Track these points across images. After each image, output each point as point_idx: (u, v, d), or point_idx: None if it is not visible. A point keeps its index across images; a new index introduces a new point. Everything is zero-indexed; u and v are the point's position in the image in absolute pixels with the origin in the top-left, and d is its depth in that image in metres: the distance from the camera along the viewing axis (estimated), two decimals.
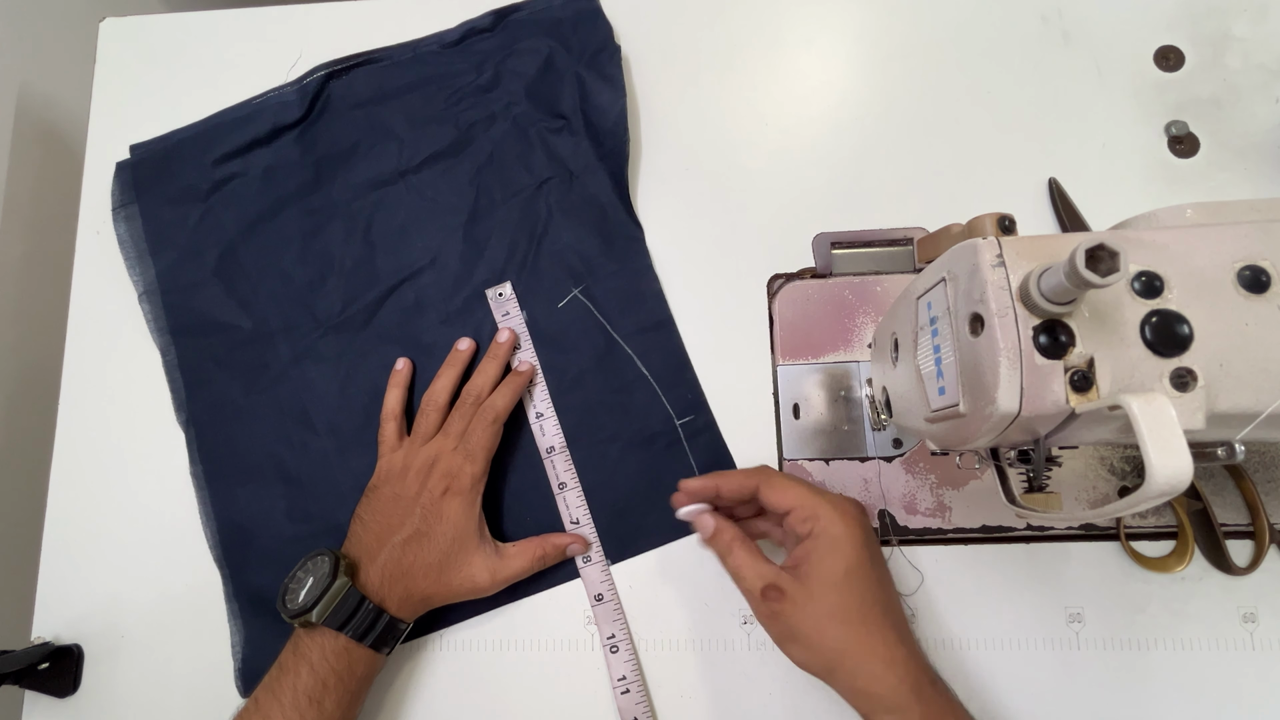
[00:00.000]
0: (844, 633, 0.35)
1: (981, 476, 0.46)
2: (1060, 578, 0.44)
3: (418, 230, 0.53)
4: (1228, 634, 0.42)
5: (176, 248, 0.54)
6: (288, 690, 0.39)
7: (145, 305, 0.53)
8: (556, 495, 0.48)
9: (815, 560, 0.36)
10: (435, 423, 0.47)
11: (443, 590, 0.43)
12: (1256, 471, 0.44)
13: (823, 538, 0.36)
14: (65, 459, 0.51)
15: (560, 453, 0.48)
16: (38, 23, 0.66)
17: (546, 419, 0.49)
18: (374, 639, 0.41)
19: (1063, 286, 0.26)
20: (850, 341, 0.48)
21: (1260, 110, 0.50)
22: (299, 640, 0.41)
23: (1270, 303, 0.29)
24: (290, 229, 0.54)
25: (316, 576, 0.41)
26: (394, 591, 0.42)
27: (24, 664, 0.45)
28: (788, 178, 0.52)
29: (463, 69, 0.55)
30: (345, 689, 0.40)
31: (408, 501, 0.44)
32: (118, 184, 0.55)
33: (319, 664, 0.40)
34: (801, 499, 0.38)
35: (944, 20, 0.54)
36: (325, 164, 0.54)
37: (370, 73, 0.56)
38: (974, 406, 0.30)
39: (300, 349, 0.52)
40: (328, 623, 0.40)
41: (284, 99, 0.55)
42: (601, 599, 0.46)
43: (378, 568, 0.42)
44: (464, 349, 0.50)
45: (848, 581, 0.35)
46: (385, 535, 0.43)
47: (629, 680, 0.44)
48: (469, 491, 0.44)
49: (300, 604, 0.40)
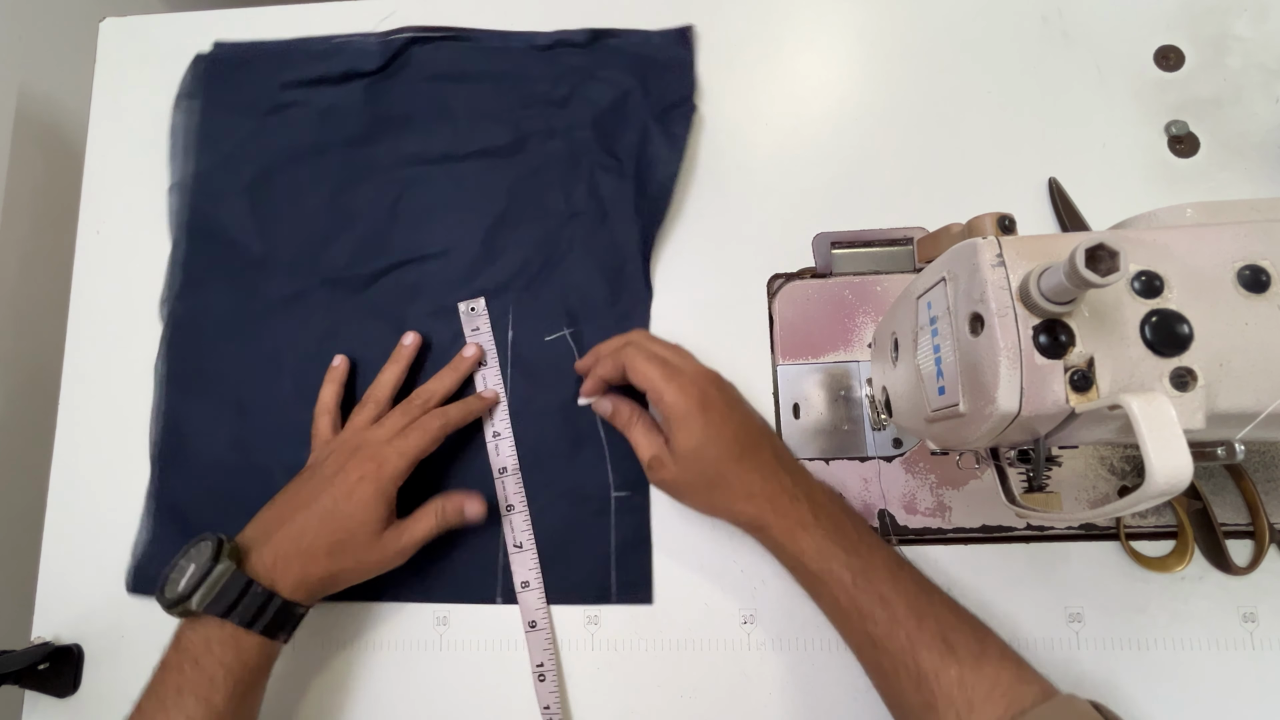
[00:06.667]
0: (708, 490, 0.42)
1: (981, 476, 0.46)
2: (1060, 578, 0.44)
3: (442, 217, 0.53)
4: (1228, 634, 0.42)
5: (220, 153, 0.55)
6: (171, 691, 0.37)
7: (173, 197, 0.54)
8: (503, 517, 0.47)
9: (672, 436, 0.41)
10: (372, 416, 0.46)
11: (344, 571, 0.41)
12: (1256, 471, 0.44)
13: (672, 419, 0.41)
14: (65, 459, 0.51)
15: (512, 475, 0.48)
16: (38, 23, 0.66)
17: (503, 439, 0.48)
18: (264, 624, 0.38)
19: (1063, 286, 0.27)
20: (850, 341, 0.48)
21: (1260, 110, 0.50)
22: (181, 635, 0.39)
23: (1270, 302, 0.29)
24: (327, 173, 0.54)
25: (198, 562, 0.38)
26: (288, 572, 0.40)
27: (24, 664, 0.45)
28: (788, 178, 0.52)
29: (541, 76, 0.54)
30: (237, 683, 0.38)
31: (322, 480, 0.42)
32: (190, 74, 0.56)
33: (204, 658, 0.37)
34: (650, 381, 0.42)
35: (944, 20, 0.54)
36: (381, 123, 0.55)
37: (455, 49, 0.55)
38: (974, 406, 0.30)
39: (294, 290, 0.52)
40: (209, 610, 0.37)
41: (366, 47, 0.55)
42: (535, 626, 0.45)
43: (271, 548, 0.40)
44: (409, 344, 0.49)
45: (700, 450, 0.41)
46: (289, 512, 0.41)
47: (552, 711, 0.44)
48: (387, 484, 0.42)
49: (179, 592, 0.37)
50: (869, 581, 0.38)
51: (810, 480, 0.43)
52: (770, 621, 0.45)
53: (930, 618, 0.37)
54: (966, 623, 0.38)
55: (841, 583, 0.38)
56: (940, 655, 0.35)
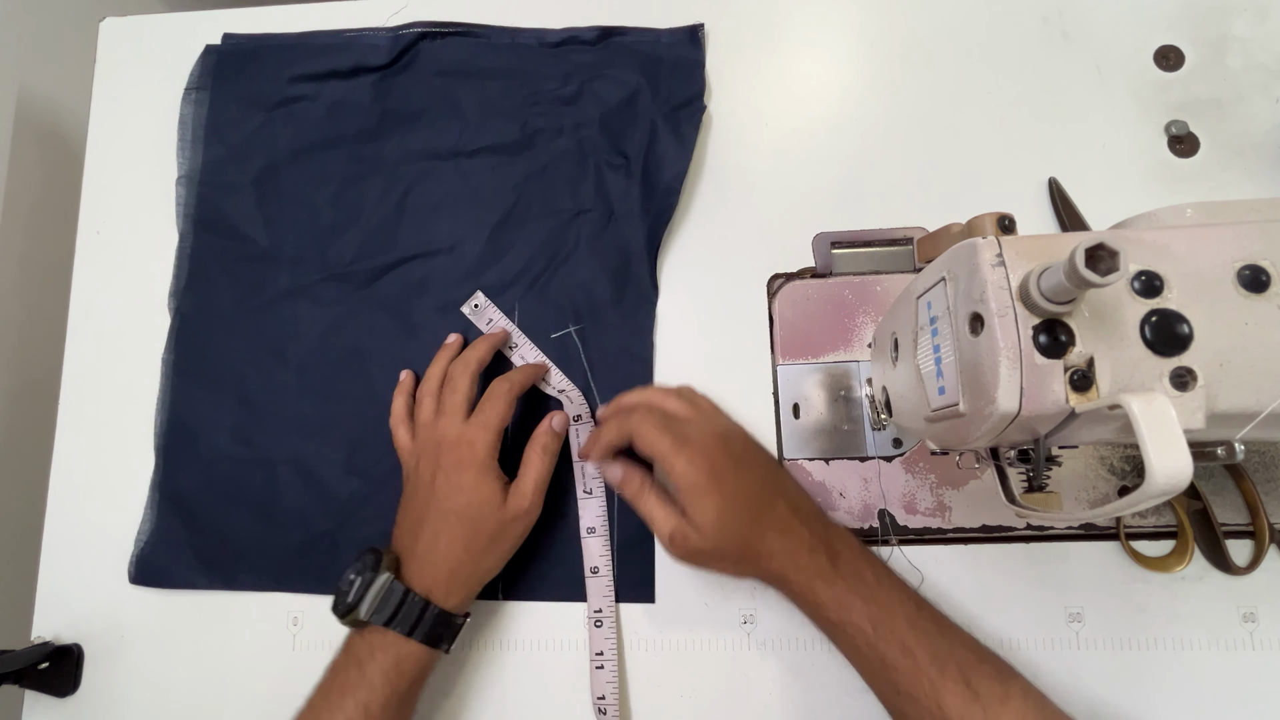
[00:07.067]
0: (734, 560, 0.41)
1: (981, 476, 0.46)
2: (1060, 577, 0.44)
3: (449, 213, 0.53)
4: (1228, 634, 0.42)
5: (227, 145, 0.55)
6: (336, 692, 0.39)
7: (180, 189, 0.55)
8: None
9: (688, 510, 0.40)
10: (432, 407, 0.46)
11: (489, 556, 0.43)
12: (1256, 471, 0.44)
13: (685, 492, 0.40)
14: (65, 459, 0.51)
15: (587, 424, 0.48)
16: (38, 23, 0.66)
17: (569, 393, 0.48)
18: (424, 634, 0.40)
19: (1062, 286, 0.27)
20: (850, 341, 0.48)
21: (1260, 110, 0.50)
22: (350, 640, 0.41)
23: (1270, 302, 0.29)
24: (334, 168, 0.54)
25: (363, 575, 0.40)
26: (440, 576, 0.41)
27: (24, 664, 0.45)
28: (788, 178, 0.52)
29: (550, 74, 0.54)
30: (394, 690, 0.39)
31: (425, 488, 0.43)
32: (200, 65, 0.57)
33: (367, 663, 0.39)
34: (658, 453, 0.40)
35: (944, 20, 0.54)
36: (390, 118, 0.55)
37: (464, 44, 0.56)
38: (974, 406, 0.30)
39: (300, 283, 0.52)
40: (374, 619, 0.40)
41: (375, 41, 0.55)
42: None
43: (417, 561, 0.42)
44: (452, 342, 0.49)
45: (718, 524, 0.39)
46: (415, 529, 0.43)
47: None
48: (485, 459, 0.43)
49: (349, 602, 0.40)
50: (890, 630, 0.38)
51: (826, 525, 0.42)
52: (770, 621, 0.45)
53: (952, 662, 0.37)
54: (988, 663, 0.38)
55: (863, 632, 0.38)
56: (964, 700, 0.36)
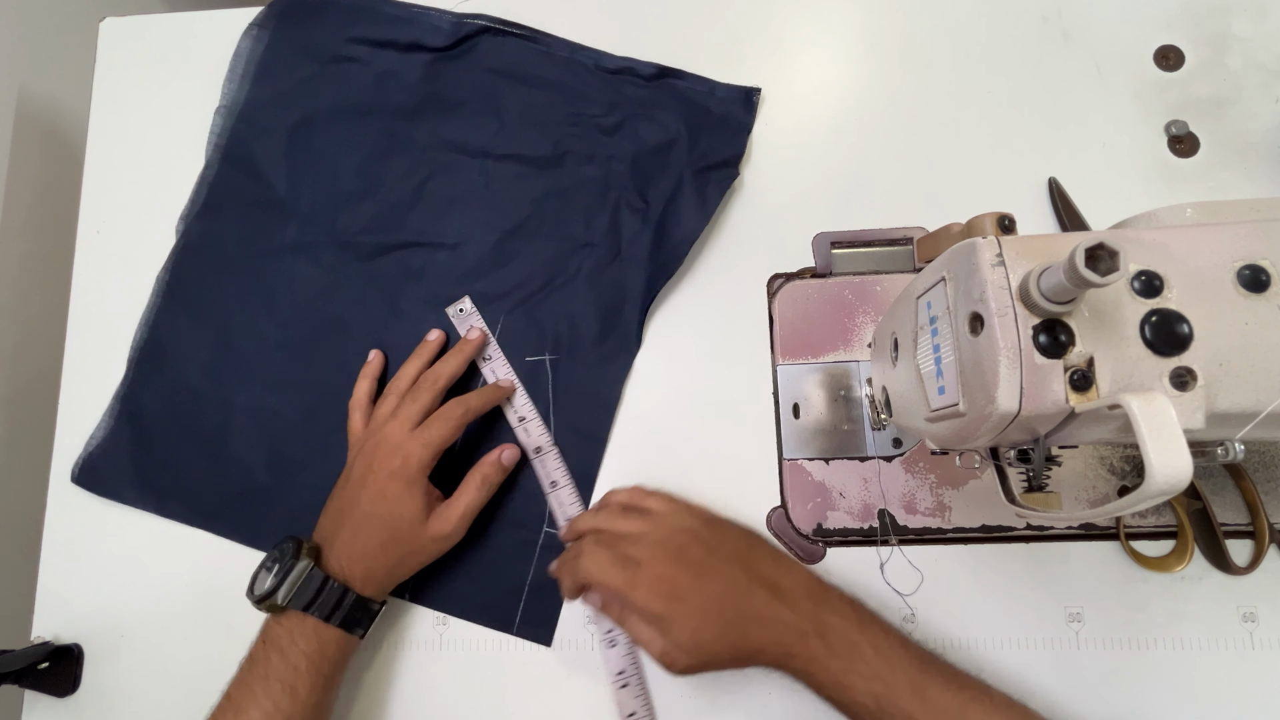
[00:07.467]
0: (728, 661, 0.39)
1: (981, 476, 0.46)
2: (1060, 577, 0.44)
3: (463, 210, 0.53)
4: (1227, 633, 0.42)
5: (273, 89, 0.56)
6: (259, 679, 0.40)
7: (218, 119, 0.56)
8: (549, 494, 0.47)
9: (664, 635, 0.39)
10: (392, 406, 0.46)
11: (403, 561, 0.43)
12: (1256, 471, 0.44)
13: (652, 622, 0.39)
14: (65, 459, 0.51)
15: (549, 452, 0.48)
16: (38, 23, 0.66)
17: (530, 422, 0.48)
18: (342, 618, 0.41)
19: (1062, 286, 0.26)
20: (850, 341, 0.48)
21: (1260, 110, 0.50)
22: (267, 629, 0.41)
23: (1270, 302, 0.29)
24: (365, 137, 0.54)
25: (282, 562, 0.41)
26: (356, 571, 0.42)
27: (24, 664, 0.45)
28: (788, 178, 0.52)
29: (597, 99, 0.54)
30: (319, 673, 0.40)
31: (355, 484, 0.44)
32: (270, 6, 0.57)
33: (289, 649, 0.40)
34: (614, 591, 0.39)
35: (944, 20, 0.54)
36: (431, 102, 0.55)
37: (522, 48, 0.55)
38: (974, 406, 0.30)
39: (305, 241, 0.53)
40: (293, 604, 0.40)
41: (439, 23, 0.56)
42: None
43: (338, 549, 0.42)
44: (433, 339, 0.49)
45: (695, 641, 0.38)
46: (339, 520, 0.43)
47: (628, 675, 0.44)
48: (415, 475, 0.43)
49: (266, 588, 0.41)
50: (893, 704, 0.37)
51: (814, 598, 0.40)
52: None
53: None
54: (1001, 712, 0.37)
55: (866, 709, 0.37)
56: None
